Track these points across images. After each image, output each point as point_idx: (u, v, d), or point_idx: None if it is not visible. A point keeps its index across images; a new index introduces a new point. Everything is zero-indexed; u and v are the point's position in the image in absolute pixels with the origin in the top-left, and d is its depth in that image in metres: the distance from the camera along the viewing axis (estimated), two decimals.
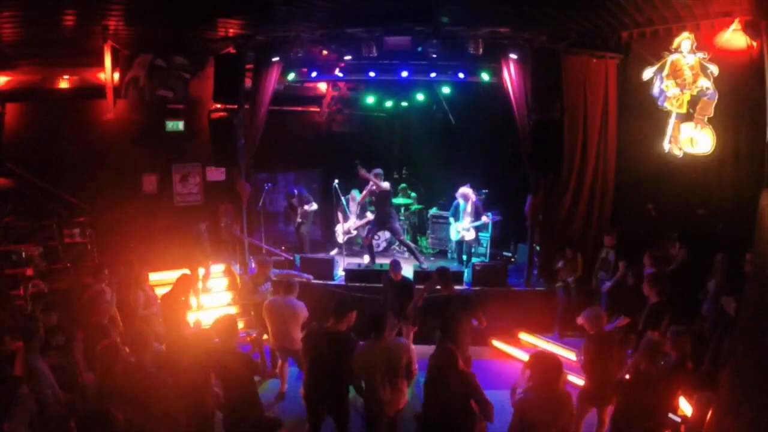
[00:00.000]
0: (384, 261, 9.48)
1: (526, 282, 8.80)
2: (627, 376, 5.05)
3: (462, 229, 9.53)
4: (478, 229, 9.65)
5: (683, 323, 5.40)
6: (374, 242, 10.06)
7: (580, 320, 5.48)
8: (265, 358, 7.30)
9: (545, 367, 4.08)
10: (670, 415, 4.79)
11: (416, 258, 9.41)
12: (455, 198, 9.62)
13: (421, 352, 6.42)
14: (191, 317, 7.09)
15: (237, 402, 4.78)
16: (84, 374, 5.04)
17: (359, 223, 10.46)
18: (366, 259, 9.79)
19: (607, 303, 7.57)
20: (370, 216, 10.32)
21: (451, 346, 4.62)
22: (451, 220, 9.70)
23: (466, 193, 9.50)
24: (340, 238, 10.28)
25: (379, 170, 9.48)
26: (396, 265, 7.16)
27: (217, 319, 5.05)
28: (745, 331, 4.01)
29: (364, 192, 9.96)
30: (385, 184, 9.42)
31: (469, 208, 9.49)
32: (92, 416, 4.27)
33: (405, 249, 9.96)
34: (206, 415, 4.83)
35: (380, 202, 9.55)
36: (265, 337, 7.05)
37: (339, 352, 4.88)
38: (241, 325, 6.71)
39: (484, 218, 9.41)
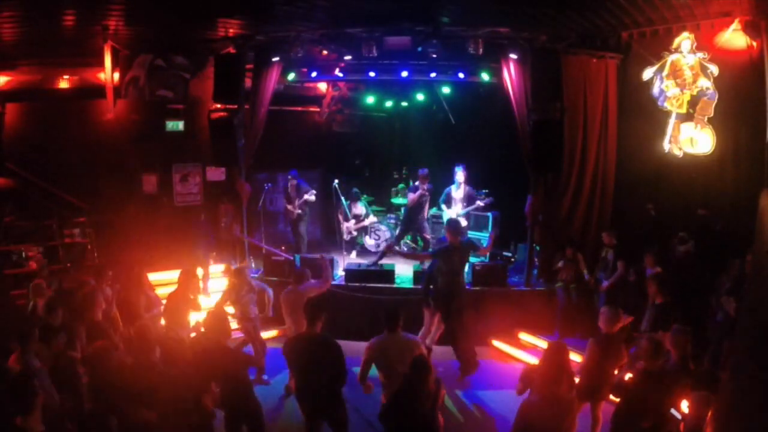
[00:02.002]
0: (384, 262, 9.48)
1: (526, 282, 8.79)
2: (629, 375, 5.04)
3: (456, 215, 9.46)
4: (477, 226, 9.60)
5: (689, 324, 5.38)
6: (376, 242, 10.06)
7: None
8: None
9: (558, 355, 4.04)
10: (672, 411, 4.79)
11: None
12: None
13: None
14: (193, 317, 7.06)
15: (233, 399, 4.82)
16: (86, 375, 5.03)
17: (356, 225, 10.41)
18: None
19: (606, 302, 7.54)
20: (370, 219, 10.27)
21: (424, 356, 4.47)
22: (443, 207, 9.65)
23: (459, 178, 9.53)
24: (347, 236, 10.32)
25: (424, 170, 9.45)
26: (454, 226, 7.15)
27: (208, 315, 5.09)
28: (745, 331, 4.02)
29: (415, 196, 9.55)
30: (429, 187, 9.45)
31: (460, 194, 9.46)
32: (91, 417, 4.29)
33: (408, 247, 9.93)
34: (202, 416, 4.83)
35: (420, 205, 9.52)
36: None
37: (328, 357, 4.73)
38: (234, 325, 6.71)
39: (478, 202, 9.35)
